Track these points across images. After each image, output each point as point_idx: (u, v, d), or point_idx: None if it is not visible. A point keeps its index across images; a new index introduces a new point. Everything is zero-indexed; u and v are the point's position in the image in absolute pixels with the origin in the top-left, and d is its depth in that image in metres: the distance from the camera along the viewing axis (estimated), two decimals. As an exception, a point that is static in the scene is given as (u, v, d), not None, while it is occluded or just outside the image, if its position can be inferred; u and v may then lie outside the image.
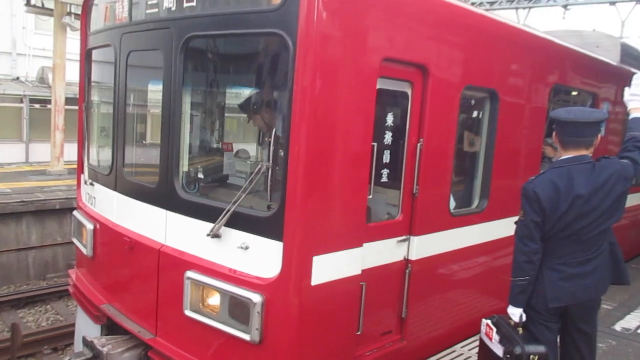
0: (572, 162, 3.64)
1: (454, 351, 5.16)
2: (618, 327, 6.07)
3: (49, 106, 17.52)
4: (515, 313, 3.70)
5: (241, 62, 4.95)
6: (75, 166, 6.41)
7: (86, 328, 5.36)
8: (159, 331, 4.51)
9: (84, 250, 5.60)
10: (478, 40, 4.94)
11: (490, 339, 3.82)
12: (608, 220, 3.63)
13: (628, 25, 20.25)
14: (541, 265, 3.67)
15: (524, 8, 21.46)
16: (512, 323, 3.74)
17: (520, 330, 3.71)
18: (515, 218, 3.76)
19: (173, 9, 4.32)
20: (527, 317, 3.73)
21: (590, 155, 3.69)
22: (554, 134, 3.80)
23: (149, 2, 4.59)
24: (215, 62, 5.01)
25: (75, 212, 5.99)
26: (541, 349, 3.60)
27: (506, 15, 18.36)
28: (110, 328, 5.09)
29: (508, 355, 3.62)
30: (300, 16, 3.47)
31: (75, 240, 5.95)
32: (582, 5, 20.43)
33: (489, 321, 3.91)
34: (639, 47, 10.06)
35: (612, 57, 7.92)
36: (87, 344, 4.79)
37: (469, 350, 5.12)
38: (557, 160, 3.80)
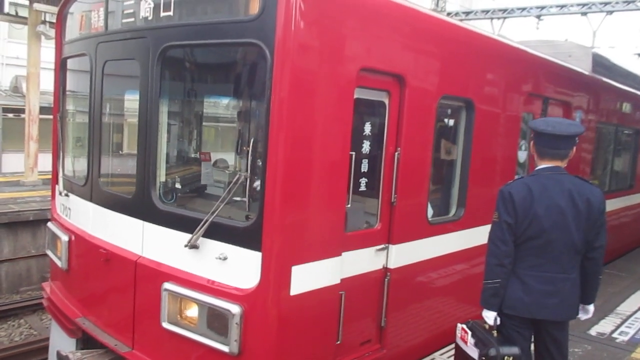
0: (548, 172, 3.72)
1: (433, 359, 5.18)
2: (593, 332, 6.17)
3: (22, 116, 17.21)
4: (490, 316, 3.74)
5: (218, 72, 4.93)
6: (50, 177, 6.30)
7: (61, 342, 5.25)
8: (136, 344, 4.44)
9: (58, 263, 5.49)
10: (454, 50, 5.01)
11: (466, 342, 3.87)
12: (582, 242, 3.66)
13: (599, 35, 20.78)
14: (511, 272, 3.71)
15: (498, 18, 21.89)
16: (487, 326, 3.78)
17: (495, 333, 3.76)
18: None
19: (150, 18, 4.29)
20: (500, 322, 3.77)
21: (565, 166, 3.77)
22: (531, 143, 3.87)
23: (126, 12, 4.55)
24: (193, 71, 4.98)
25: (49, 224, 5.88)
26: (515, 350, 3.65)
27: (481, 26, 18.67)
28: (86, 342, 4.99)
29: (483, 358, 3.66)
30: (278, 26, 3.48)
31: (49, 253, 5.83)
32: (555, 15, 20.90)
33: (464, 325, 3.96)
34: (609, 57, 10.33)
35: (584, 67, 8.11)
36: (62, 358, 4.69)
37: (448, 357, 5.14)
38: (538, 169, 3.86)
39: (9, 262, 11.34)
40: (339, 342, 4.18)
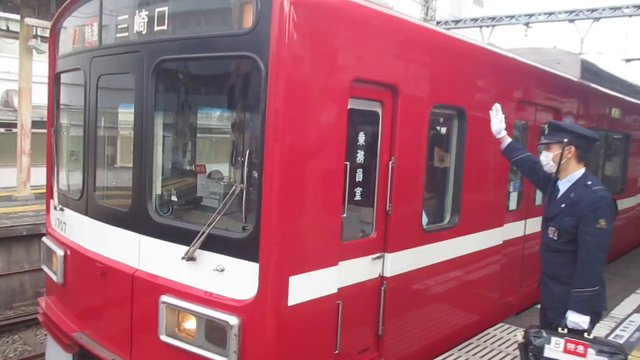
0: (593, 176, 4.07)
1: (431, 366, 5.19)
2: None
3: (14, 130, 17.14)
4: (586, 320, 3.83)
5: (213, 84, 4.97)
6: (43, 191, 6.28)
7: (57, 357, 5.22)
8: (134, 358, 4.42)
9: (54, 278, 5.46)
10: (445, 59, 5.07)
11: (582, 355, 3.69)
12: None
13: (587, 42, 20.98)
14: None
15: (487, 26, 22.11)
16: (585, 331, 3.82)
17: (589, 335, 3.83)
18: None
19: (144, 32, 4.32)
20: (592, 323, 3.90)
21: None
22: (573, 148, 4.00)
23: (120, 26, 4.58)
24: (187, 85, 5.02)
25: (44, 239, 5.85)
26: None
27: (470, 34, 18.86)
28: (82, 357, 4.96)
29: None
30: (272, 39, 3.52)
31: (44, 268, 5.80)
32: (543, 23, 21.15)
33: (575, 338, 3.77)
34: (597, 63, 10.46)
35: (573, 73, 8.21)
36: (59, 373, 4.66)
37: (446, 364, 5.16)
38: (583, 173, 4.04)
39: (2, 278, 11.25)
40: (337, 352, 4.19)
